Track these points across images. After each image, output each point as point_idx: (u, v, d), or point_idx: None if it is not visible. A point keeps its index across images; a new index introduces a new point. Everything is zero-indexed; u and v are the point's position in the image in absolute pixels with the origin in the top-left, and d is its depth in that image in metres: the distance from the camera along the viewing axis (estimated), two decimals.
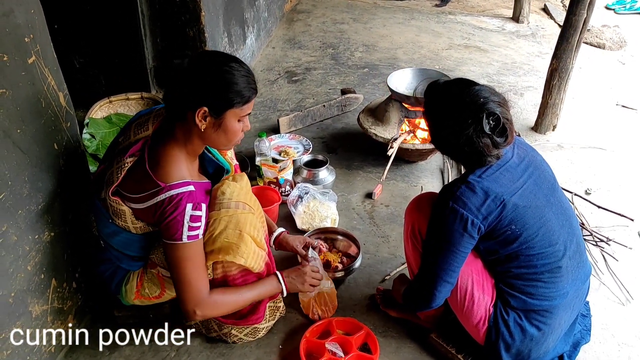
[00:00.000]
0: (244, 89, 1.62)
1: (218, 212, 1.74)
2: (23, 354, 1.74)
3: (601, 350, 1.99)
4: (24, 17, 1.58)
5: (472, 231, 1.60)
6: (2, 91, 1.52)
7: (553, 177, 1.76)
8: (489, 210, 1.58)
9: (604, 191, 2.87)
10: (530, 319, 1.70)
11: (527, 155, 1.70)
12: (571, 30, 3.08)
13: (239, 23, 3.98)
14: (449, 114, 1.61)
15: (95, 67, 3.46)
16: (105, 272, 1.91)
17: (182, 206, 1.61)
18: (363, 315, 2.14)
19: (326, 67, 4.42)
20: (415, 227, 1.83)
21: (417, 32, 5.12)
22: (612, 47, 4.83)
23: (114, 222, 1.74)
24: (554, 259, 1.66)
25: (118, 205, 1.70)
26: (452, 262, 1.65)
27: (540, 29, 5.24)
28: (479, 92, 1.59)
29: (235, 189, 1.79)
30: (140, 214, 1.71)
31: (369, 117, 3.08)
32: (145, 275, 1.88)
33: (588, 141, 3.35)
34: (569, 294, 1.71)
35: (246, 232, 1.76)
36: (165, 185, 1.61)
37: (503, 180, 1.61)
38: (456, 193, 1.60)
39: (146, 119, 1.77)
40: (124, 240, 1.79)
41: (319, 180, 2.81)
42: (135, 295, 1.90)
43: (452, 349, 1.90)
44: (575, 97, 3.82)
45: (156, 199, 1.62)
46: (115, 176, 1.68)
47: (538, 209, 1.64)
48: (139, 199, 1.66)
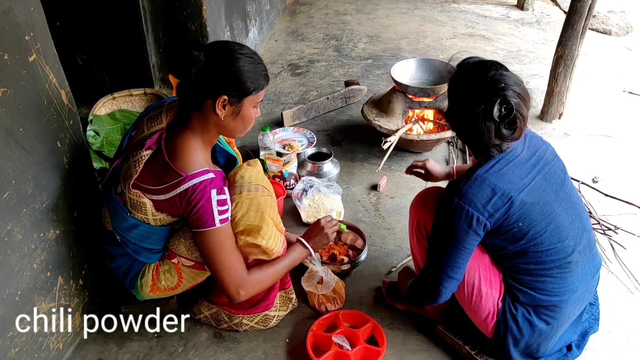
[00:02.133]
0: (260, 76, 1.67)
1: (239, 195, 1.77)
2: (31, 351, 1.75)
3: (610, 339, 1.98)
4: (23, 15, 1.58)
5: (477, 228, 1.58)
6: (4, 90, 1.52)
7: (564, 171, 1.72)
8: (495, 207, 1.56)
9: (611, 179, 2.85)
10: (539, 314, 1.69)
11: (538, 150, 1.66)
12: (576, 17, 3.05)
13: (241, 16, 3.96)
14: (466, 89, 1.58)
15: (97, 63, 3.46)
16: (121, 267, 1.91)
17: (207, 193, 1.63)
18: (369, 308, 2.13)
19: (329, 59, 4.40)
20: (420, 222, 1.82)
21: (421, 22, 5.09)
22: (618, 33, 4.78)
23: (132, 215, 1.74)
24: (563, 255, 1.64)
25: (138, 198, 1.70)
26: (457, 258, 1.64)
27: (545, 16, 5.19)
28: (503, 77, 1.53)
29: (253, 172, 1.83)
30: (162, 206, 1.71)
31: (373, 109, 3.06)
32: (161, 267, 1.89)
33: (595, 129, 3.32)
34: (578, 289, 1.70)
35: (267, 214, 1.78)
36: (187, 175, 1.63)
37: (511, 176, 1.58)
38: (462, 189, 1.58)
39: (158, 112, 1.78)
40: (142, 233, 1.78)
41: (323, 173, 2.80)
42: (150, 289, 1.91)
43: (459, 340, 1.90)
44: (581, 85, 3.79)
45: (179, 189, 1.63)
46: (133, 169, 1.69)
47: (547, 205, 1.61)
48: (160, 190, 1.67)
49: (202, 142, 1.72)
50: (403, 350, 1.96)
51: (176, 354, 1.97)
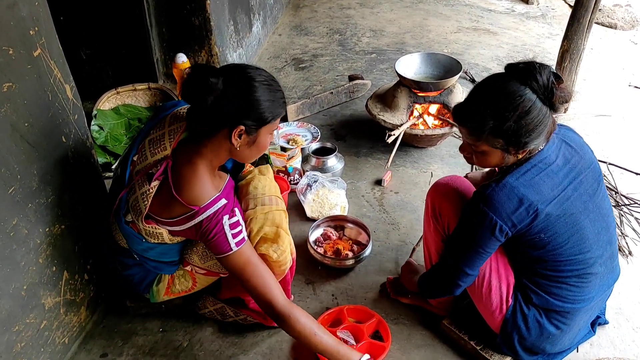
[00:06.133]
0: (278, 105, 1.61)
1: (254, 210, 1.74)
2: (37, 345, 1.75)
3: (615, 335, 1.98)
4: (28, 10, 1.57)
5: (499, 235, 1.57)
6: (9, 85, 1.52)
7: (598, 180, 1.67)
8: (520, 218, 1.53)
9: (617, 173, 2.83)
10: (551, 318, 1.68)
11: (573, 157, 1.61)
12: (582, 11, 3.02)
13: (244, 11, 3.95)
14: (498, 97, 1.50)
15: (102, 58, 3.46)
16: (135, 275, 1.89)
17: (220, 222, 1.60)
18: (374, 303, 2.13)
19: (333, 53, 4.38)
20: (436, 208, 1.82)
21: (425, 16, 5.06)
22: (624, 27, 4.74)
23: (147, 241, 1.72)
24: (583, 266, 1.63)
25: (154, 230, 1.68)
26: (476, 259, 1.64)
27: (551, 10, 5.16)
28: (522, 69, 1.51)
29: (266, 182, 1.81)
30: (179, 233, 1.69)
31: (377, 103, 3.05)
32: (175, 273, 1.89)
33: (600, 123, 3.30)
34: (594, 299, 1.69)
35: (283, 228, 1.76)
36: (199, 207, 1.59)
37: (541, 187, 1.54)
38: (489, 195, 1.54)
39: (161, 135, 1.70)
40: (160, 251, 1.77)
41: (327, 168, 2.79)
42: (165, 292, 1.91)
43: (464, 335, 1.89)
44: (586, 79, 3.77)
45: (194, 222, 1.61)
46: (143, 204, 1.64)
47: (573, 216, 1.58)
48: (174, 222, 1.64)
49: (212, 167, 1.66)
50: (408, 345, 1.96)
51: (181, 349, 1.97)
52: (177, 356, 1.95)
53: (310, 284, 2.23)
